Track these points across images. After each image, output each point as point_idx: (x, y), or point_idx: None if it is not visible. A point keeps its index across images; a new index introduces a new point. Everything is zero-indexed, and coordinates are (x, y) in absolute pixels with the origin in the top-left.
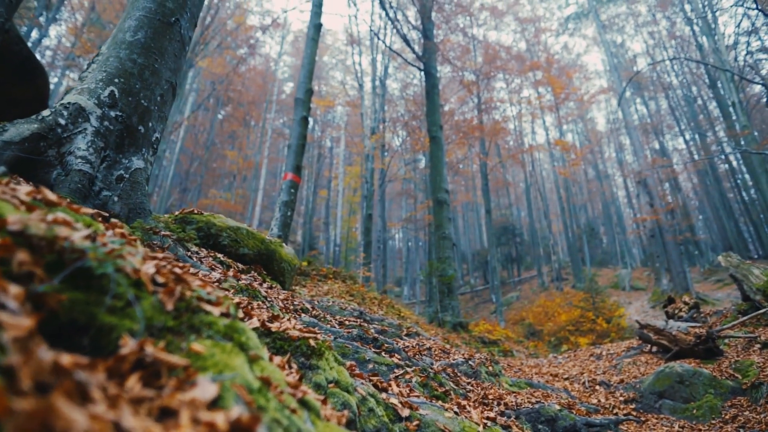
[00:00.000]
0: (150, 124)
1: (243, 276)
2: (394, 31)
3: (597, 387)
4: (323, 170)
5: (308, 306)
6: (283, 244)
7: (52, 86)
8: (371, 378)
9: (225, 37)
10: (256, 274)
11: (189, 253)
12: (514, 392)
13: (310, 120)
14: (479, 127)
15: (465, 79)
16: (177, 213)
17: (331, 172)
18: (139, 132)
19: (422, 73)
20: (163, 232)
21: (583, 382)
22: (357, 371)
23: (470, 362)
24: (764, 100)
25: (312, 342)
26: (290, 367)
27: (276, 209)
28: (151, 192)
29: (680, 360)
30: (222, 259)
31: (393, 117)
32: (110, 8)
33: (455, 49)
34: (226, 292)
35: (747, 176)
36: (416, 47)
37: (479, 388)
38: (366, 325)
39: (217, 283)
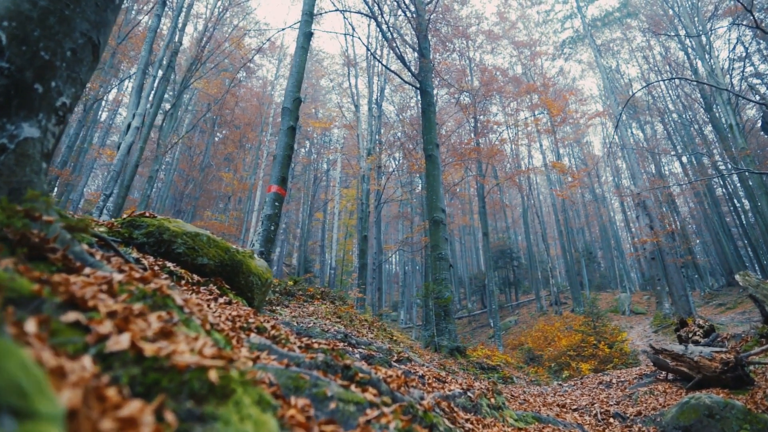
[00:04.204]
0: (53, 84)
1: (157, 280)
2: (390, 51)
3: (611, 420)
4: (319, 193)
5: (267, 326)
6: (254, 256)
7: None
8: (323, 428)
9: (222, 59)
10: (214, 287)
11: (93, 250)
12: (521, 429)
13: (306, 143)
14: (476, 149)
15: (461, 102)
16: (125, 216)
17: (327, 195)
18: (36, 92)
19: (418, 91)
20: (45, 218)
21: (595, 414)
22: (304, 417)
23: (469, 393)
24: (759, 124)
25: (212, 375)
26: (160, 420)
27: (259, 223)
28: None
29: (705, 390)
30: (173, 268)
31: (389, 140)
32: None
33: (452, 72)
34: (112, 298)
35: (745, 201)
36: (412, 67)
37: (480, 426)
38: (350, 348)
39: (106, 285)
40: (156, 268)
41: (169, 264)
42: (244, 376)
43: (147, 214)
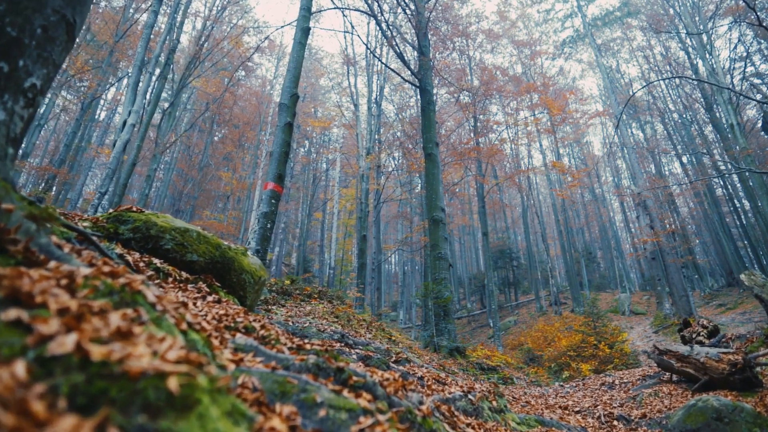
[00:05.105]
0: (21, 63)
1: (129, 275)
2: (390, 50)
3: (615, 423)
4: (318, 192)
5: (256, 325)
6: (247, 253)
7: (44, 105)
8: None
9: (221, 57)
10: (203, 285)
11: (62, 243)
12: None
13: (306, 142)
14: (476, 149)
15: (461, 101)
16: (111, 211)
17: (326, 195)
18: (1, 71)
19: (417, 91)
20: (4, 205)
21: (599, 417)
22: (287, 427)
23: (470, 396)
24: (759, 124)
25: (172, 382)
26: None
27: (254, 221)
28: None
29: (711, 392)
30: (159, 265)
31: (389, 139)
32: (105, 29)
33: (451, 71)
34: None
35: (745, 201)
36: (412, 65)
37: (482, 431)
38: (346, 349)
39: (66, 279)
40: (141, 264)
41: (155, 260)
42: (215, 383)
43: (134, 209)
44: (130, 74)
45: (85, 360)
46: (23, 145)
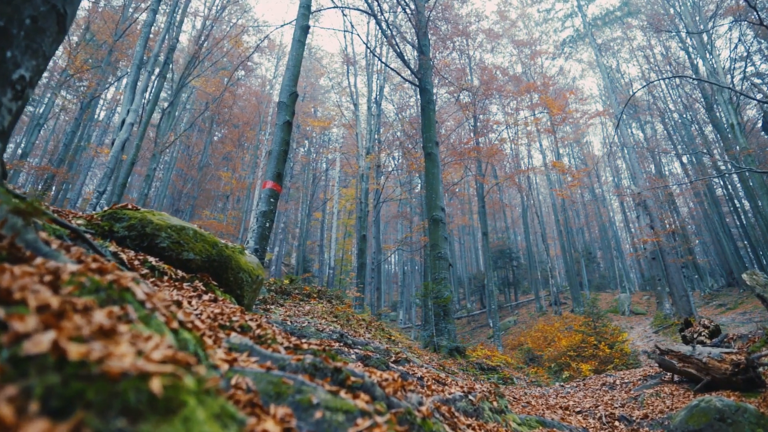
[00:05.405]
0: (9, 54)
1: (117, 271)
2: (390, 49)
3: (616, 423)
4: (318, 192)
5: (252, 324)
6: (245, 252)
7: (44, 105)
8: None
9: (221, 56)
10: (199, 284)
11: (50, 239)
12: None
13: (305, 142)
14: (476, 149)
15: (461, 101)
16: (107, 209)
17: (326, 195)
18: None
19: (417, 90)
20: None
21: (600, 417)
22: (281, 430)
23: (470, 396)
24: (759, 124)
25: (155, 384)
26: None
27: (253, 220)
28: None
29: (714, 392)
30: (155, 263)
31: (388, 139)
32: (105, 28)
33: (451, 71)
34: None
35: (745, 201)
36: (412, 64)
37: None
38: (345, 349)
39: (50, 276)
40: (136, 262)
41: (151, 258)
42: (203, 384)
43: (129, 206)
44: (129, 73)
45: (62, 360)
46: (22, 145)
